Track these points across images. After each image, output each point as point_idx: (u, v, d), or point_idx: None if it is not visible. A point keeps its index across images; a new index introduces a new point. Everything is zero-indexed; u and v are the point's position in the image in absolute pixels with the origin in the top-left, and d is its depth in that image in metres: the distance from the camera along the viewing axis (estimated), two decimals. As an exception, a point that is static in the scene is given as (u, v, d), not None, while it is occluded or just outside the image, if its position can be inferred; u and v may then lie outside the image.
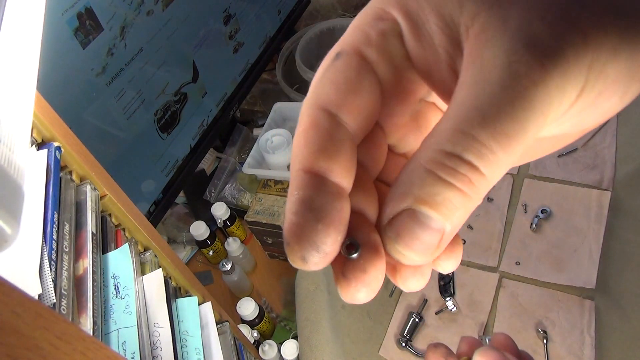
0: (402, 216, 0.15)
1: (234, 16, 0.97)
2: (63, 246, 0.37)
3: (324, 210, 0.16)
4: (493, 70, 0.15)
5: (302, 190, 0.16)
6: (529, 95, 0.14)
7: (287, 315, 0.86)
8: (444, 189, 0.15)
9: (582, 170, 0.87)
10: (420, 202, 0.15)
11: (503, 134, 0.14)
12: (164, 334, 0.44)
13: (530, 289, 0.76)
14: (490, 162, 0.15)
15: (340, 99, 0.17)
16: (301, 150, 0.17)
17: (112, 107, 0.71)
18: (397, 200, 0.16)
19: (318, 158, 0.17)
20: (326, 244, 0.16)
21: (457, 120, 0.15)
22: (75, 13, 0.61)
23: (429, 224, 0.15)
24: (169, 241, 0.99)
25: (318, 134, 0.17)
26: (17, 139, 0.29)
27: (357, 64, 0.18)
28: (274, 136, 0.87)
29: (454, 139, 0.15)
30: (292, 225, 0.16)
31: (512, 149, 0.15)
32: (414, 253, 0.16)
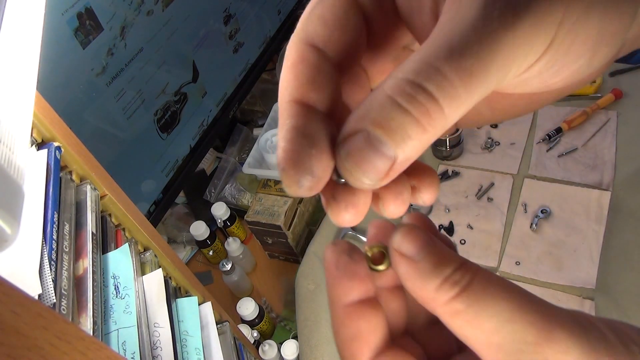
0: (356, 137, 0.16)
1: (234, 16, 0.97)
2: (63, 246, 0.37)
3: (316, 136, 0.17)
4: (468, 11, 0.15)
5: (295, 119, 0.17)
6: (497, 38, 0.15)
7: (287, 315, 0.86)
8: (400, 114, 0.15)
9: (582, 170, 0.87)
10: (375, 125, 0.15)
11: (466, 70, 0.15)
12: (164, 334, 0.44)
13: (530, 289, 0.76)
14: (449, 96, 0.15)
15: (328, 35, 0.18)
16: (290, 83, 0.18)
17: (112, 107, 0.71)
18: (354, 121, 0.16)
19: (308, 90, 0.17)
20: (320, 168, 0.17)
21: (425, 53, 0.15)
22: (75, 13, 0.61)
23: (380, 148, 0.15)
24: (169, 241, 0.99)
25: (306, 68, 0.18)
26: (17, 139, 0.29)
27: (344, 1, 0.18)
28: (274, 136, 0.87)
29: (419, 69, 0.15)
30: (287, 152, 0.17)
31: (473, 86, 0.15)
32: (362, 174, 0.16)
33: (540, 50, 0.16)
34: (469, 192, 0.90)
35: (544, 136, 0.93)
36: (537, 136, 0.94)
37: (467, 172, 0.93)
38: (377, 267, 0.21)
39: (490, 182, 0.90)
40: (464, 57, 0.15)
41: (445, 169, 0.95)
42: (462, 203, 0.89)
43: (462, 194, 0.90)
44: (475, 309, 0.17)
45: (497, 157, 0.94)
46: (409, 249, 0.18)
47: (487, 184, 0.90)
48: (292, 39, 0.18)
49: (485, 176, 0.92)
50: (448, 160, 0.96)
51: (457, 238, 0.85)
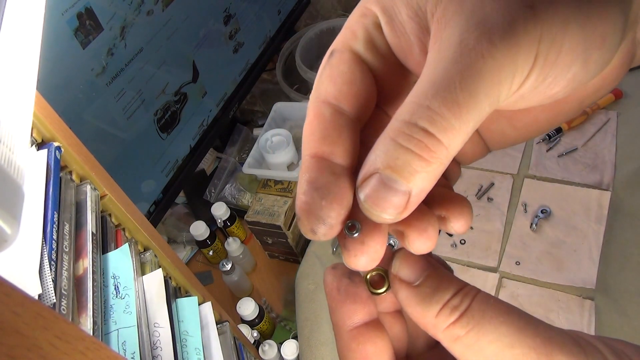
0: (371, 179, 0.17)
1: (234, 16, 0.97)
2: (63, 246, 0.37)
3: (326, 188, 0.18)
4: (448, 47, 0.16)
5: (309, 172, 0.19)
6: (478, 67, 0.16)
7: (287, 315, 0.85)
8: (403, 153, 0.16)
9: (582, 170, 0.87)
10: (384, 167, 0.17)
11: (454, 102, 0.16)
12: (164, 334, 0.44)
13: (530, 289, 0.76)
14: (443, 128, 0.16)
15: (337, 91, 0.20)
16: (308, 139, 0.20)
17: (112, 107, 0.71)
18: (368, 166, 0.17)
19: (322, 143, 0.19)
20: (330, 217, 0.18)
21: (416, 93, 0.17)
22: (75, 13, 0.61)
23: (394, 186, 0.17)
24: (169, 241, 0.99)
25: (321, 123, 0.19)
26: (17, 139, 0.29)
27: (348, 59, 0.20)
28: (274, 136, 0.87)
29: (412, 109, 0.16)
30: (301, 203, 0.19)
31: (464, 115, 0.16)
32: (381, 212, 0.17)
33: (527, 68, 0.16)
34: (469, 192, 0.90)
35: (544, 136, 0.93)
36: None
37: (467, 172, 0.93)
38: (377, 291, 0.21)
39: (490, 182, 0.90)
40: (449, 91, 0.16)
41: (445, 169, 0.95)
42: (462, 203, 0.89)
43: (462, 194, 0.90)
44: (475, 334, 0.17)
45: (497, 157, 0.94)
46: (408, 274, 0.19)
47: (487, 184, 0.90)
48: (310, 100, 0.20)
49: (485, 176, 0.92)
50: (448, 160, 0.96)
51: (457, 238, 0.85)
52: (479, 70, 0.16)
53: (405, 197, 0.17)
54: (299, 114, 0.95)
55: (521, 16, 0.16)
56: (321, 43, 1.18)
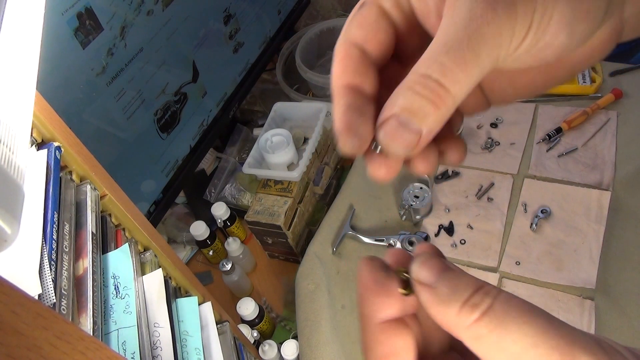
0: (391, 120, 0.21)
1: (234, 16, 0.97)
2: (63, 246, 0.37)
3: (361, 109, 0.23)
4: (459, 15, 0.20)
5: (346, 97, 0.23)
6: (482, 32, 0.19)
7: (287, 315, 0.86)
8: (418, 99, 0.20)
9: (582, 170, 0.87)
10: (402, 110, 0.20)
11: (461, 58, 0.19)
12: (164, 334, 0.44)
13: (530, 289, 0.76)
14: (451, 80, 0.20)
15: (364, 36, 0.24)
16: (340, 73, 0.24)
17: (112, 107, 0.71)
18: (388, 109, 0.21)
19: (353, 76, 0.23)
20: (366, 131, 0.22)
21: (431, 52, 0.20)
22: (75, 13, 0.61)
23: (409, 125, 0.20)
24: (169, 241, 0.99)
25: (351, 60, 0.24)
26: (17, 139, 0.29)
27: (376, 12, 0.24)
28: (274, 136, 0.87)
29: (427, 64, 0.20)
30: (341, 121, 0.22)
31: (469, 70, 0.20)
32: (398, 147, 0.21)
33: (522, 34, 0.20)
34: (469, 192, 0.90)
35: (544, 136, 0.93)
36: (537, 136, 0.94)
37: (467, 172, 0.93)
38: (404, 291, 0.22)
39: (490, 182, 0.90)
40: (458, 50, 0.20)
41: (445, 169, 0.95)
42: (462, 203, 0.89)
43: (462, 194, 0.90)
44: (499, 333, 0.18)
45: (497, 157, 0.94)
46: (427, 276, 0.20)
47: (487, 184, 0.90)
48: (339, 42, 0.24)
49: (485, 176, 0.92)
50: (448, 160, 0.96)
51: (457, 238, 0.85)
52: (483, 35, 0.19)
53: (418, 135, 0.20)
54: (299, 114, 0.95)
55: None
56: (321, 43, 1.18)
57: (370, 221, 0.88)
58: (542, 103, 0.99)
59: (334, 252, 0.81)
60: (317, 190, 0.91)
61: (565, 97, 0.98)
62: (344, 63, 0.24)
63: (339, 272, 0.80)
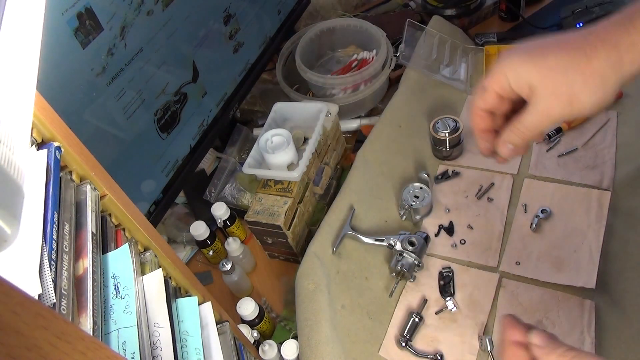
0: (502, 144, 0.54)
1: (234, 16, 0.97)
2: (63, 246, 0.37)
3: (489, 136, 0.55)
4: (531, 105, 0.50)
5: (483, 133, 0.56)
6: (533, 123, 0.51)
7: (287, 315, 0.85)
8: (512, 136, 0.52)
9: (582, 170, 0.87)
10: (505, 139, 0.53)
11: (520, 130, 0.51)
12: (164, 334, 0.44)
13: (530, 289, 0.76)
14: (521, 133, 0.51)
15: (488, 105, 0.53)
16: (480, 124, 0.55)
17: (112, 107, 0.71)
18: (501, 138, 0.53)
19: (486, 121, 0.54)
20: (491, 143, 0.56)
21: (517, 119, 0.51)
22: (75, 13, 0.61)
23: (509, 146, 0.53)
24: (169, 241, 0.99)
25: (483, 119, 0.54)
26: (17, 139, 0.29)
27: (492, 95, 0.52)
28: (274, 136, 0.87)
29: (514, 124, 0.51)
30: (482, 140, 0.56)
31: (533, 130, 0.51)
32: (505, 154, 0.54)
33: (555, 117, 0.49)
34: (469, 192, 0.90)
35: (544, 136, 0.93)
36: (537, 136, 0.94)
37: (467, 172, 0.93)
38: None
39: (490, 182, 0.90)
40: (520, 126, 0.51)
41: (445, 169, 0.95)
42: (462, 203, 0.89)
43: (462, 194, 0.90)
44: None
45: (497, 157, 0.94)
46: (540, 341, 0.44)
47: (487, 184, 0.90)
48: (474, 105, 0.54)
49: (485, 176, 0.92)
50: (448, 160, 0.96)
51: (457, 238, 0.85)
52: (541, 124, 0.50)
53: (514, 149, 0.53)
54: (299, 114, 0.95)
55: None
56: (321, 43, 1.18)
57: (370, 221, 0.88)
58: (542, 103, 0.99)
59: (334, 252, 0.81)
60: (317, 190, 0.91)
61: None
62: (483, 119, 0.55)
63: (339, 272, 0.80)
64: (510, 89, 0.50)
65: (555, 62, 0.46)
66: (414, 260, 0.79)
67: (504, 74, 0.50)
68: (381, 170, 0.93)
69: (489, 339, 0.71)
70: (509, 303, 0.75)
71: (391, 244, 0.81)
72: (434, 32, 1.13)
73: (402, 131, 0.98)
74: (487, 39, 1.16)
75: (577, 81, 0.45)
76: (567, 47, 0.47)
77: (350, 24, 1.14)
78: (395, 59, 1.08)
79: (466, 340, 0.73)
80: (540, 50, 0.48)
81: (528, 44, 0.50)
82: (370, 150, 0.94)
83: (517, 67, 0.49)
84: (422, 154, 0.97)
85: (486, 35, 1.17)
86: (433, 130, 0.93)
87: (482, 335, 0.72)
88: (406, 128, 0.99)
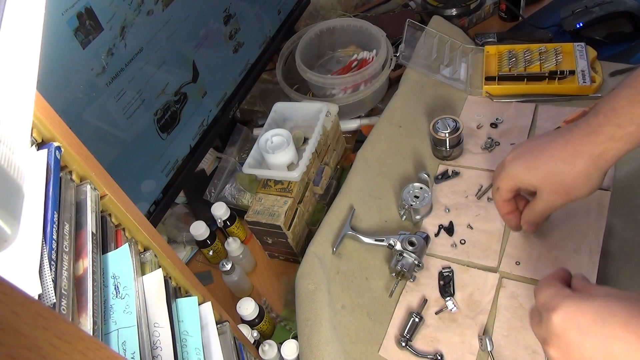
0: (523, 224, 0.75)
1: (234, 16, 0.97)
2: (63, 246, 0.37)
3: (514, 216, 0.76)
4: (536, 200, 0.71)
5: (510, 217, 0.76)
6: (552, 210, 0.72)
7: (287, 315, 0.86)
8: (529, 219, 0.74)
9: (582, 170, 0.87)
10: (524, 222, 0.75)
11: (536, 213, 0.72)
12: (164, 334, 0.44)
13: (530, 289, 0.76)
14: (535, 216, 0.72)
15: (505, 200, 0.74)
16: (503, 210, 0.76)
17: (112, 107, 0.71)
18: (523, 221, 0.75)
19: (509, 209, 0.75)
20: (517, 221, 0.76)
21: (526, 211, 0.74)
22: (75, 13, 0.61)
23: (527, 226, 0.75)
24: (169, 241, 0.99)
25: (507, 205, 0.75)
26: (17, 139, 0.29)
27: (505, 194, 0.73)
28: (274, 136, 0.87)
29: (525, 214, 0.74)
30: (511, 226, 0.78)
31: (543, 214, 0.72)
32: (529, 231, 0.76)
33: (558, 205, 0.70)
34: (469, 192, 0.90)
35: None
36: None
37: (467, 172, 0.93)
38: None
39: (490, 182, 0.90)
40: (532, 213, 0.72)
41: (445, 169, 0.95)
42: (462, 203, 0.89)
43: (462, 194, 0.90)
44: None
45: (497, 157, 0.94)
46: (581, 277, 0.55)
47: (487, 184, 0.90)
48: (496, 201, 0.76)
49: (485, 176, 0.92)
50: (448, 160, 0.96)
51: (457, 238, 0.85)
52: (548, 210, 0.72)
53: (530, 227, 0.75)
54: (299, 114, 0.95)
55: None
56: (321, 43, 1.18)
57: (370, 221, 0.88)
58: (542, 103, 0.99)
59: (334, 252, 0.81)
60: (317, 190, 0.91)
61: (565, 97, 0.98)
62: (502, 207, 0.75)
63: (339, 272, 0.80)
64: (518, 188, 0.70)
65: (548, 170, 0.65)
66: (414, 260, 0.79)
67: (511, 179, 0.69)
68: (381, 170, 0.93)
69: (489, 339, 0.71)
70: (508, 303, 0.75)
71: (391, 244, 0.81)
72: (434, 32, 1.13)
73: (402, 131, 0.98)
74: (487, 39, 1.16)
75: (568, 182, 0.64)
76: (555, 156, 0.64)
77: (350, 24, 1.14)
78: (395, 59, 1.08)
79: (466, 340, 0.73)
80: (536, 159, 0.66)
81: (527, 146, 0.68)
82: (370, 150, 0.94)
83: (521, 175, 0.68)
84: (422, 154, 0.97)
85: (486, 35, 1.17)
86: (433, 130, 0.93)
87: (482, 335, 0.72)
88: (406, 128, 0.99)
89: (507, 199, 0.72)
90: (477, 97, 1.05)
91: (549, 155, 0.64)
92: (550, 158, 0.64)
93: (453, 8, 1.21)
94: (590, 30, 1.09)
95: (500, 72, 1.04)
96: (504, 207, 0.74)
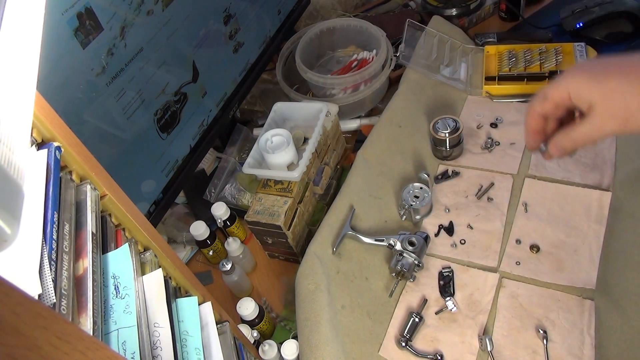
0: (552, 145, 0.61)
1: (234, 16, 0.97)
2: (63, 246, 0.37)
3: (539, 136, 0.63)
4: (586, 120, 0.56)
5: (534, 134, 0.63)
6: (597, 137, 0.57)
7: (287, 315, 0.86)
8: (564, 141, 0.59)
9: (582, 170, 0.87)
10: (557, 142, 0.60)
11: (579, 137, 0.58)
12: (164, 334, 0.44)
13: (530, 289, 0.76)
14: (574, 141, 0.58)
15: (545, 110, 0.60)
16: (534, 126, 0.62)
17: (112, 107, 0.71)
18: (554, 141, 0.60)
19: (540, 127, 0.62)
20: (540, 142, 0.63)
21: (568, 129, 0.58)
22: (75, 13, 0.61)
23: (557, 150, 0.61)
24: (169, 241, 0.99)
25: (540, 122, 0.62)
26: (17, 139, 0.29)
27: (551, 103, 0.59)
28: (274, 136, 0.87)
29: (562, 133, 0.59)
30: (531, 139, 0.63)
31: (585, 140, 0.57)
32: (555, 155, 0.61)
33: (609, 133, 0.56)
34: (469, 192, 0.90)
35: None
36: (537, 136, 0.94)
37: (467, 172, 0.93)
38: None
39: (490, 182, 0.90)
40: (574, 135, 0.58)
41: (445, 169, 0.95)
42: (462, 203, 0.89)
43: (462, 194, 0.90)
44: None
45: (497, 157, 0.94)
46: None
47: (487, 184, 0.90)
48: (532, 110, 0.61)
49: (485, 176, 0.92)
50: (448, 160, 0.96)
51: (457, 238, 0.85)
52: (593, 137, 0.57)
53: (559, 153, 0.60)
54: (299, 114, 0.95)
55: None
56: (321, 43, 1.18)
57: (370, 221, 0.88)
58: (542, 103, 0.99)
59: (334, 252, 0.81)
60: (317, 190, 0.91)
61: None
62: (534, 121, 0.61)
63: (339, 272, 0.80)
64: (569, 102, 0.57)
65: (615, 86, 0.53)
66: (414, 260, 0.79)
67: (566, 88, 0.57)
68: (381, 170, 0.93)
69: (489, 339, 0.71)
70: (508, 303, 0.75)
71: (391, 244, 0.81)
72: (434, 32, 1.13)
73: (402, 131, 0.98)
74: (487, 39, 1.16)
75: (634, 106, 0.52)
76: (628, 72, 0.53)
77: (350, 24, 1.14)
78: (395, 59, 1.08)
79: (466, 340, 0.73)
80: (603, 72, 0.54)
81: (592, 62, 0.62)
82: (370, 150, 0.94)
83: (580, 85, 0.55)
84: (422, 154, 0.97)
85: (486, 35, 1.17)
86: (433, 130, 0.93)
87: (482, 335, 0.72)
88: (406, 128, 0.99)
89: (547, 111, 0.60)
90: (477, 97, 1.05)
91: (620, 72, 0.54)
92: (621, 74, 0.54)
93: (453, 8, 1.21)
94: (591, 30, 1.09)
95: (500, 72, 1.04)
96: (536, 122, 0.62)
